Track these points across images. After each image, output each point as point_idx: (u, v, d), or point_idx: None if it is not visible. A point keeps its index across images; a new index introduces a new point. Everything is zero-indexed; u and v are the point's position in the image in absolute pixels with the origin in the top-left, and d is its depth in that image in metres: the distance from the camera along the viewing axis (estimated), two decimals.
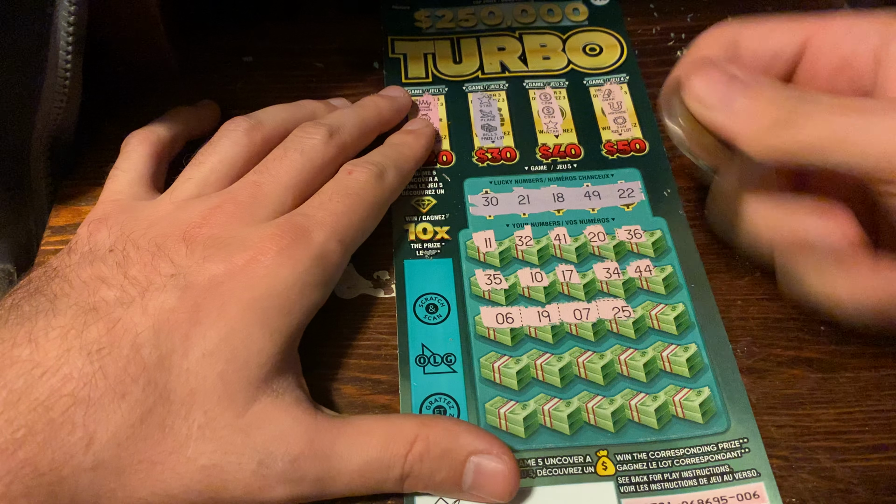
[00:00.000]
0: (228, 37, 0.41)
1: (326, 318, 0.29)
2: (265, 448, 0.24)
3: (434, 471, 0.25)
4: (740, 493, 0.27)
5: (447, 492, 0.26)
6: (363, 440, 0.25)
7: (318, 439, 0.25)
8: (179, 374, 0.24)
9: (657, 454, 0.27)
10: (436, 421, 0.26)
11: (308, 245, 0.27)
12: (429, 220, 0.34)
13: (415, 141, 0.34)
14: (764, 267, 0.31)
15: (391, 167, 0.32)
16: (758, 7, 0.42)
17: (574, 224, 0.34)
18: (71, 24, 0.30)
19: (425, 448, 0.25)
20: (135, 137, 0.32)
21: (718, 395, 0.29)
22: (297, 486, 0.24)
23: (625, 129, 0.37)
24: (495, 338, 0.30)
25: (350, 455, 0.25)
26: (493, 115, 0.38)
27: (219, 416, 0.24)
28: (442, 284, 0.32)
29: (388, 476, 0.25)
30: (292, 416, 0.25)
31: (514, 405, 0.28)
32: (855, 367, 0.30)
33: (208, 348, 0.24)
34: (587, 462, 0.27)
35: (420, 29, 0.41)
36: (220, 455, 0.24)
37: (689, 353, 0.30)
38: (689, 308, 0.31)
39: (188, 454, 0.23)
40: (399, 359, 0.30)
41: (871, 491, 0.27)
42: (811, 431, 0.28)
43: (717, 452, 0.27)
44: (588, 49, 0.40)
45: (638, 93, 0.39)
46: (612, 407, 0.28)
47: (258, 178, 0.29)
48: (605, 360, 0.30)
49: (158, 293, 0.25)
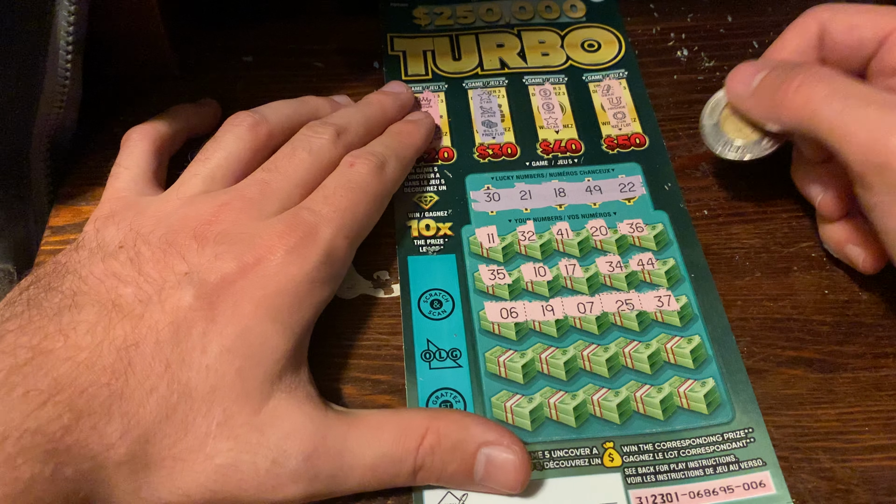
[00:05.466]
0: (228, 37, 0.41)
1: (326, 318, 0.29)
2: (279, 446, 0.24)
3: (446, 463, 0.25)
4: (746, 482, 0.27)
5: (459, 483, 0.26)
6: (375, 435, 0.25)
7: (331, 435, 0.25)
8: (199, 371, 0.24)
9: (663, 445, 0.28)
10: (445, 413, 0.26)
11: (316, 243, 0.27)
12: (431, 217, 0.34)
13: (415, 129, 0.34)
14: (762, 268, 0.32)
15: (392, 157, 0.32)
16: (757, 7, 0.43)
17: (576, 219, 0.34)
18: (71, 24, 0.30)
19: (436, 440, 0.25)
20: (135, 133, 0.32)
21: (723, 386, 0.29)
22: (310, 484, 0.25)
23: (624, 123, 0.37)
24: (500, 332, 0.30)
25: (362, 450, 0.25)
26: (494, 111, 0.38)
27: (236, 414, 0.24)
28: (446, 280, 0.32)
29: (400, 470, 0.25)
30: (305, 413, 0.25)
31: (520, 399, 0.29)
32: (855, 367, 0.30)
33: (225, 345, 0.25)
34: (594, 454, 0.27)
35: (419, 26, 0.41)
36: (236, 454, 0.24)
37: (693, 344, 0.30)
38: (692, 300, 0.31)
39: (206, 452, 0.24)
40: (405, 354, 0.30)
41: (871, 491, 0.27)
42: (811, 431, 0.28)
43: (723, 442, 0.28)
44: (586, 45, 0.41)
45: (637, 88, 0.39)
46: (618, 399, 0.29)
47: (267, 175, 0.29)
48: (609, 353, 0.30)
49: (174, 291, 0.25)
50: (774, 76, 0.30)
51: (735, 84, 0.32)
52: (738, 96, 0.31)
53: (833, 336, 0.31)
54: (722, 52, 0.40)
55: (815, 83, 0.28)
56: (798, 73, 0.28)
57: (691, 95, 0.39)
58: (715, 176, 0.36)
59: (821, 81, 0.28)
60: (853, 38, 0.31)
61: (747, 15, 0.42)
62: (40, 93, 0.31)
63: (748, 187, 0.35)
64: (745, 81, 0.31)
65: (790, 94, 0.28)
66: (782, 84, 0.29)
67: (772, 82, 0.30)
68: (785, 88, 0.29)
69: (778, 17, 0.42)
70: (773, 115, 0.30)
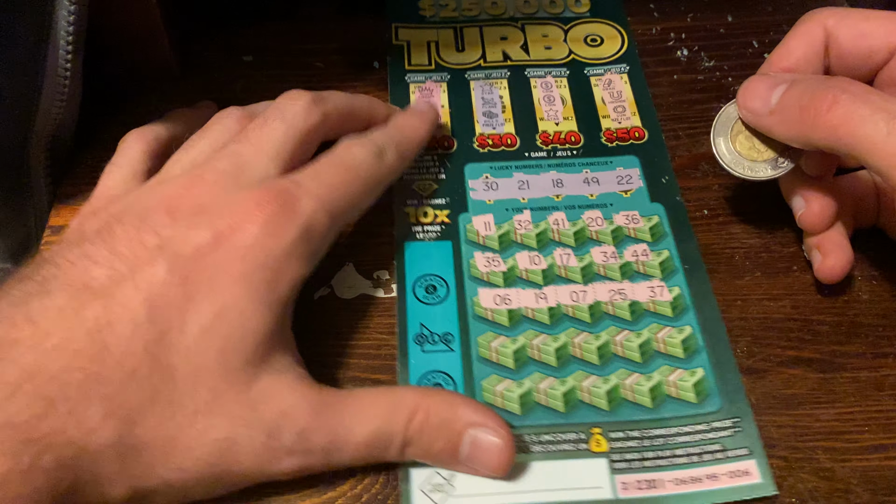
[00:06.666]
0: (228, 37, 0.41)
1: (326, 318, 0.29)
2: (273, 421, 0.24)
3: (433, 440, 0.26)
4: (731, 470, 0.27)
5: (444, 462, 0.26)
6: (367, 411, 0.25)
7: (324, 412, 0.25)
8: (179, 352, 0.24)
9: (650, 432, 0.28)
10: (435, 392, 0.27)
11: (295, 214, 0.26)
12: (430, 204, 0.34)
13: (419, 122, 0.33)
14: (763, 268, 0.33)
15: (391, 147, 0.31)
16: (757, 7, 0.43)
17: (573, 209, 0.34)
18: (71, 24, 0.30)
19: (425, 417, 0.25)
20: (132, 135, 0.32)
21: (712, 376, 0.29)
22: (305, 458, 0.25)
23: (624, 117, 0.38)
24: (493, 318, 0.31)
25: (355, 426, 0.25)
26: (495, 102, 0.38)
27: (225, 392, 0.24)
28: (441, 266, 0.32)
29: (390, 445, 0.25)
30: (297, 392, 0.25)
31: (510, 383, 0.29)
32: (855, 367, 0.30)
33: (204, 324, 0.24)
34: (581, 439, 0.28)
35: (424, 17, 0.42)
36: (231, 428, 0.24)
37: (684, 334, 0.30)
38: (684, 291, 0.31)
39: (199, 428, 0.24)
40: (398, 338, 0.30)
41: (871, 491, 0.27)
42: (811, 431, 0.28)
43: (710, 431, 0.28)
44: (589, 40, 0.41)
45: (638, 82, 0.39)
46: (607, 386, 0.29)
47: (238, 147, 0.28)
48: (600, 341, 0.30)
49: (147, 266, 0.25)
50: (799, 92, 0.28)
51: (750, 100, 0.30)
52: (754, 113, 0.30)
53: (833, 336, 0.30)
54: (722, 52, 0.40)
55: (852, 101, 0.26)
56: (828, 89, 0.27)
57: (691, 95, 0.39)
58: (715, 176, 0.36)
59: (857, 99, 0.26)
60: (862, 47, 0.29)
61: (747, 15, 0.42)
62: (40, 92, 0.31)
63: (748, 187, 0.35)
64: (762, 97, 0.29)
65: (823, 113, 0.26)
66: (812, 101, 0.27)
67: (797, 99, 0.28)
68: (816, 106, 0.27)
69: (778, 17, 0.42)
70: (800, 134, 0.28)
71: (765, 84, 0.29)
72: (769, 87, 0.29)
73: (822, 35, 0.30)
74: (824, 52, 0.30)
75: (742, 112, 0.30)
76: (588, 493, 0.26)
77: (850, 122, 0.26)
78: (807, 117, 0.27)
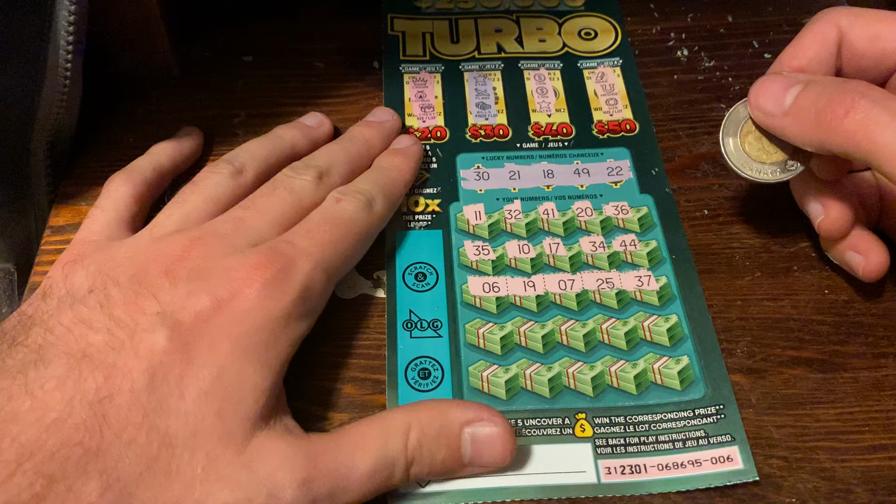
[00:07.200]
0: (228, 37, 0.41)
1: (326, 318, 0.29)
2: (271, 479, 0.24)
3: (434, 452, 0.25)
4: (714, 456, 0.27)
5: (451, 470, 0.26)
6: (363, 444, 0.25)
7: (320, 458, 0.24)
8: (178, 417, 0.23)
9: (635, 418, 0.28)
10: (422, 404, 0.26)
11: (293, 276, 0.26)
12: (421, 193, 0.35)
13: (404, 163, 0.33)
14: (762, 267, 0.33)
15: (379, 195, 0.31)
16: (757, 7, 0.43)
17: (563, 199, 0.34)
18: (71, 24, 0.30)
19: (421, 431, 0.25)
20: (118, 177, 0.31)
21: (697, 364, 0.29)
22: None
23: (616, 110, 0.38)
24: (481, 305, 0.31)
25: (355, 463, 0.25)
26: (488, 93, 0.38)
27: (220, 456, 0.24)
28: (431, 254, 0.32)
29: (394, 469, 0.25)
30: (289, 443, 0.25)
31: (497, 369, 0.29)
32: (855, 367, 0.30)
33: (203, 388, 0.24)
34: (566, 424, 0.28)
35: (419, 8, 0.42)
36: (228, 493, 0.23)
37: (670, 323, 0.30)
38: (671, 280, 0.32)
39: (196, 496, 0.23)
40: (387, 324, 0.30)
41: (871, 491, 0.27)
42: (811, 431, 0.28)
43: (694, 418, 0.28)
44: (583, 33, 0.41)
45: (630, 76, 0.39)
46: (592, 372, 0.29)
47: (243, 213, 0.29)
48: (587, 329, 0.30)
49: (147, 334, 0.24)
50: (815, 95, 0.27)
51: (762, 100, 0.29)
52: (766, 114, 0.28)
53: (833, 336, 0.31)
54: (722, 52, 0.41)
55: (871, 107, 0.25)
56: (846, 93, 0.26)
57: (691, 95, 0.39)
58: (715, 176, 0.36)
59: (877, 104, 0.25)
60: (876, 49, 0.28)
61: (747, 15, 0.42)
62: (40, 92, 0.31)
63: (748, 187, 0.35)
64: (775, 98, 0.28)
65: (840, 118, 0.25)
66: (829, 105, 0.26)
67: (812, 101, 0.27)
68: (833, 110, 0.26)
69: (778, 17, 0.42)
70: (815, 138, 0.27)
71: (779, 84, 0.28)
72: (783, 88, 0.28)
73: (836, 35, 0.29)
74: (837, 52, 0.29)
75: (754, 112, 0.29)
76: (572, 478, 0.27)
77: (868, 128, 0.25)
78: (822, 121, 0.26)
